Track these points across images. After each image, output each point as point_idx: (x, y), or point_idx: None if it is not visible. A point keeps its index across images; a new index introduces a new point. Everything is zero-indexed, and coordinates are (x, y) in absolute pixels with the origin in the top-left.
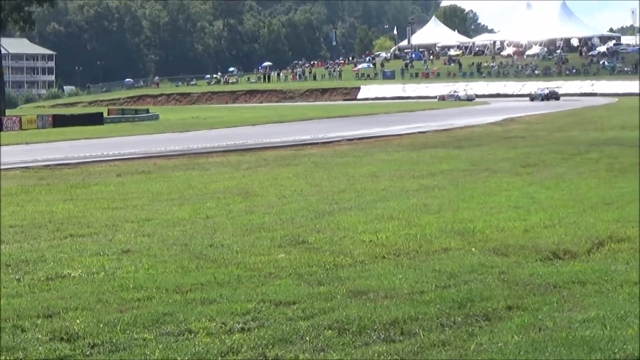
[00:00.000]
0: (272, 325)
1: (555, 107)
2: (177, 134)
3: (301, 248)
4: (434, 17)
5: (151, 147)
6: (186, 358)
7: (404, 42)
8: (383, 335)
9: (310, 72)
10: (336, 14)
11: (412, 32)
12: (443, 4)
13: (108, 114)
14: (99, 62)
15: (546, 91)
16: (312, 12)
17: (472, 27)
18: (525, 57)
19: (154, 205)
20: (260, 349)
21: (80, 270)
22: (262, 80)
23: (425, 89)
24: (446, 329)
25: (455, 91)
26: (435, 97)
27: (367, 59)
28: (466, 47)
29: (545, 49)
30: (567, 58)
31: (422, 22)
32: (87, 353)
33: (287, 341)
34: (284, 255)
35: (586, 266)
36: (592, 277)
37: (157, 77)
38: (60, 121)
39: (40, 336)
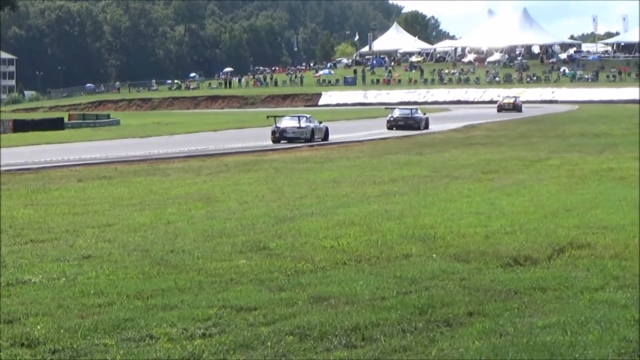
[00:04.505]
0: (233, 331)
1: (517, 115)
2: (138, 139)
3: (262, 254)
4: (395, 23)
5: (112, 152)
6: None
7: (366, 49)
8: (344, 341)
9: (271, 78)
10: (298, 19)
11: (374, 39)
12: (404, 10)
13: (69, 119)
14: (59, 67)
15: None
16: (274, 17)
17: (434, 33)
18: (486, 63)
19: (115, 210)
20: (222, 354)
21: (40, 276)
22: (223, 86)
23: (386, 96)
24: (407, 334)
25: None
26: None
27: (329, 65)
28: (427, 54)
29: (506, 56)
30: (528, 65)
31: (384, 28)
32: (48, 359)
33: (249, 347)
34: (245, 261)
35: (547, 272)
36: (552, 283)
37: (117, 83)
38: (20, 126)
39: (0, 342)
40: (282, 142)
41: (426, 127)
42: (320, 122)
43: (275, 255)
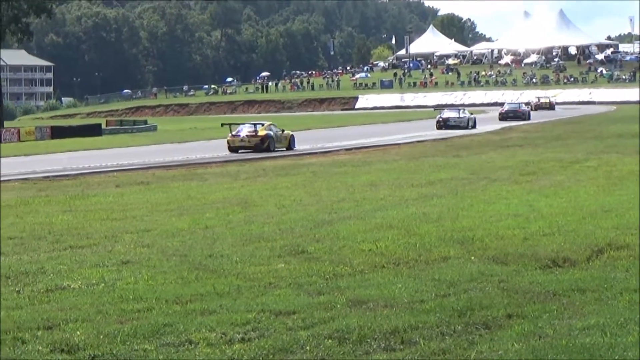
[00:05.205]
0: (272, 335)
1: (554, 116)
2: (175, 144)
3: (301, 258)
4: (431, 26)
5: (150, 158)
6: None
7: (402, 51)
8: (383, 345)
9: (308, 82)
10: (334, 23)
11: (410, 41)
12: (440, 12)
13: (106, 125)
14: (97, 73)
15: None
16: (310, 21)
17: (470, 35)
18: (523, 65)
19: (153, 215)
20: (261, 359)
21: (80, 282)
22: (260, 90)
23: (423, 98)
24: (446, 337)
25: None
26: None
27: (365, 68)
28: (464, 56)
29: (543, 58)
30: (565, 66)
31: (420, 31)
32: None
33: (288, 351)
34: (283, 265)
35: (586, 274)
36: (591, 284)
37: (155, 88)
38: (58, 133)
39: (40, 348)
40: (443, 129)
41: (529, 117)
42: (472, 113)
43: (313, 259)
